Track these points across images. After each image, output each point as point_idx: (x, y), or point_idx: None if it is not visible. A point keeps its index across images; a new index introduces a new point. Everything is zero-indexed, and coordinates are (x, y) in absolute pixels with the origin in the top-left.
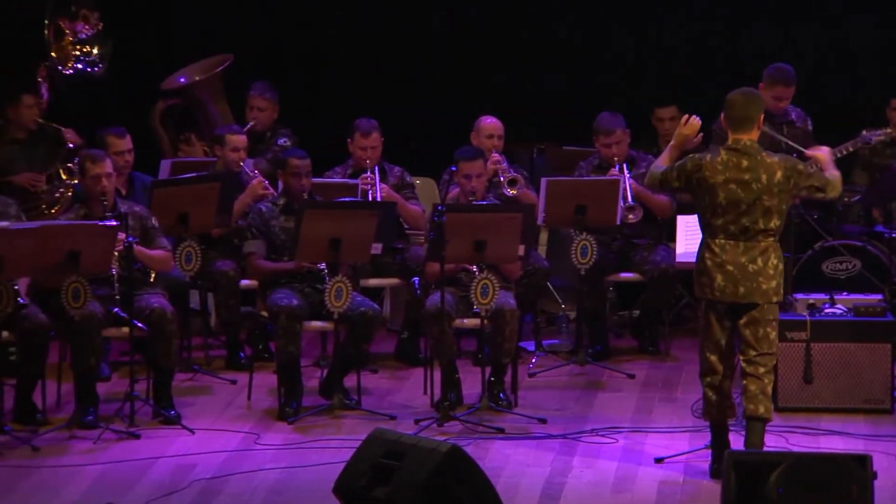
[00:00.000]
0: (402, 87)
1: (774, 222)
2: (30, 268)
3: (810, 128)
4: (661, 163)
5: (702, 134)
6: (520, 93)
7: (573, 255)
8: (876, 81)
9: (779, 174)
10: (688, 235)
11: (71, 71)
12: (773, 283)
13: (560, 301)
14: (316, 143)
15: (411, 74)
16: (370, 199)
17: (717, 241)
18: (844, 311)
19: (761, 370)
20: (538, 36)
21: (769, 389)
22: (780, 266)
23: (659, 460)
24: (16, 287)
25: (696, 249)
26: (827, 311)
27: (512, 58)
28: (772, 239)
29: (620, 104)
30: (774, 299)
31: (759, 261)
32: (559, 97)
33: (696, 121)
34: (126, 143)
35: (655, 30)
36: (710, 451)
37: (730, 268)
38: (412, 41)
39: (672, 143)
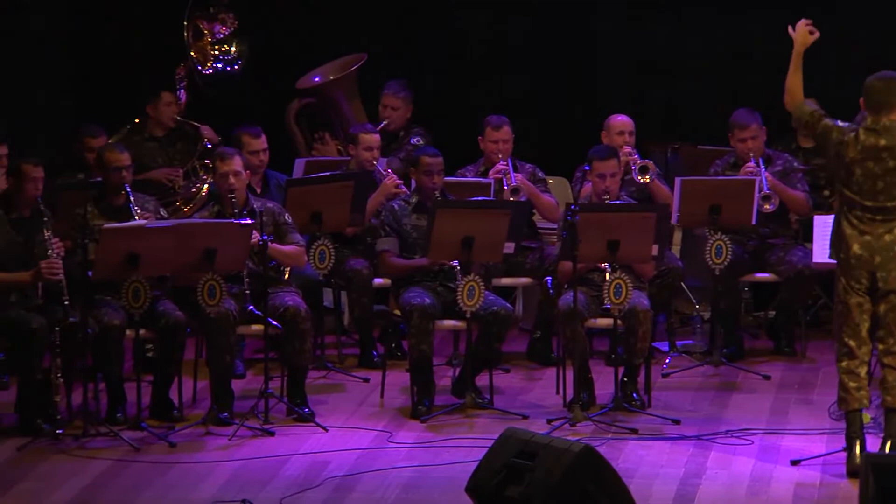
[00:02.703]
0: (536, 87)
1: None
2: (166, 265)
3: None
4: (795, 84)
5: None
6: (654, 92)
7: (707, 256)
8: None
9: None
10: (825, 236)
11: (210, 70)
12: None
13: (694, 301)
14: (449, 143)
15: (545, 74)
16: (505, 185)
17: (854, 212)
18: None
19: None
20: (671, 35)
21: None
22: None
23: (795, 462)
24: (156, 294)
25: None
26: None
27: (645, 58)
28: None
29: (759, 105)
30: None
31: None
32: (695, 97)
33: (802, 23)
34: (261, 142)
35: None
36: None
37: (868, 238)
38: (544, 40)
39: (795, 50)
